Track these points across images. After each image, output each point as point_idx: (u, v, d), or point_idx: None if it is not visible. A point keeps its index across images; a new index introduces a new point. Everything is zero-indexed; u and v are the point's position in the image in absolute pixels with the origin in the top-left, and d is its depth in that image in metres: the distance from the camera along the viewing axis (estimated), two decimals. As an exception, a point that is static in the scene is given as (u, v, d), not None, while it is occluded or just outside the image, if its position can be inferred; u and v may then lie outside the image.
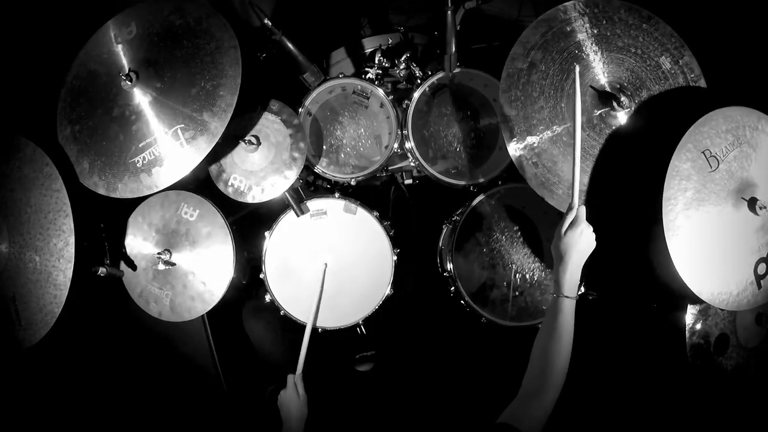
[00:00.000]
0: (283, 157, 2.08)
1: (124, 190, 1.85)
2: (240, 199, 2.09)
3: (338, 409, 2.28)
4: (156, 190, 1.84)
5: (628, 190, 1.81)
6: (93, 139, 1.89)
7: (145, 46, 1.90)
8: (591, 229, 1.56)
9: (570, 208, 1.60)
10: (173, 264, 2.04)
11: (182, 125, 1.81)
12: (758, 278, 1.67)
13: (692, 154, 1.61)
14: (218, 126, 1.78)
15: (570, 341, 1.47)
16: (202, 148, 1.79)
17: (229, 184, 2.09)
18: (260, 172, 2.09)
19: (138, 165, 1.84)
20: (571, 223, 1.56)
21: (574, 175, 1.61)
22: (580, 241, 1.53)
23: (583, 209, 1.58)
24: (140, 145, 1.84)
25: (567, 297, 1.50)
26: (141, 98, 1.84)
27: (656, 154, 1.66)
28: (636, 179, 1.79)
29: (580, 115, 1.62)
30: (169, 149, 1.82)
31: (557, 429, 1.47)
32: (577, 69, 1.67)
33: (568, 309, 1.49)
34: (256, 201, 2.08)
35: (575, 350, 1.48)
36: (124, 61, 1.90)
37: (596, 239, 1.58)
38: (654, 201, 1.61)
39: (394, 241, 2.22)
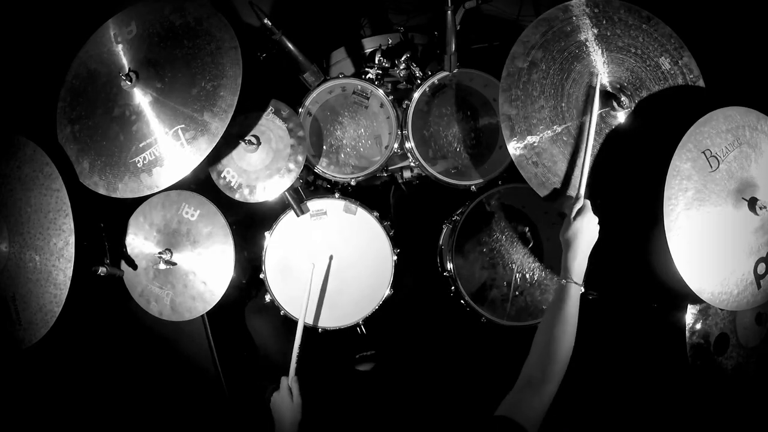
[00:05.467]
0: (278, 166, 2.08)
1: (124, 190, 1.85)
2: (228, 194, 2.08)
3: (338, 409, 2.28)
4: (156, 191, 1.84)
5: (628, 190, 1.81)
6: (93, 139, 1.89)
7: (145, 45, 1.89)
8: (596, 219, 1.61)
9: (578, 197, 1.65)
10: (174, 263, 2.04)
11: (183, 125, 1.81)
12: (758, 278, 1.67)
13: (692, 153, 1.61)
14: (219, 126, 1.78)
15: (574, 330, 1.48)
16: (203, 148, 1.79)
17: (222, 176, 2.09)
18: (253, 173, 2.09)
19: (138, 165, 1.84)
20: (579, 211, 1.61)
21: (584, 166, 1.68)
22: (588, 229, 1.58)
23: (588, 202, 1.63)
24: (141, 145, 1.84)
25: (576, 283, 1.52)
26: (141, 98, 1.84)
27: (656, 154, 1.66)
28: (636, 179, 1.79)
29: (598, 109, 1.69)
30: (170, 149, 1.82)
31: (557, 428, 1.47)
32: (598, 83, 1.76)
33: (574, 295, 1.52)
34: (241, 200, 2.08)
35: (575, 350, 1.48)
36: (124, 61, 1.90)
37: (597, 238, 1.59)
38: (654, 201, 1.61)
39: (394, 241, 2.22)
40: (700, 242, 1.60)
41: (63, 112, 1.94)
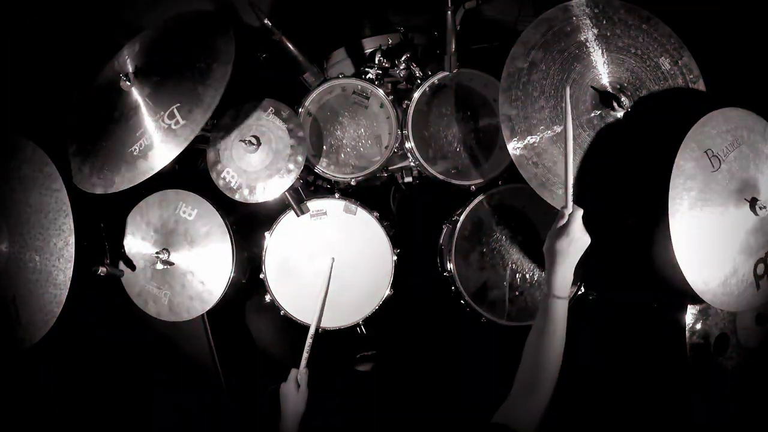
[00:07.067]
0: (278, 166, 2.07)
1: (121, 182, 1.83)
2: (228, 195, 2.08)
3: (338, 408, 2.28)
4: (152, 173, 1.81)
5: (628, 190, 1.81)
6: (92, 139, 1.89)
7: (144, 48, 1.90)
8: (584, 230, 1.56)
9: (563, 210, 1.60)
10: (171, 263, 2.04)
11: (178, 104, 1.79)
12: (757, 279, 1.67)
13: (695, 153, 1.61)
14: (213, 97, 1.76)
15: (562, 343, 1.46)
16: (198, 120, 1.77)
17: (222, 176, 2.09)
18: (253, 173, 2.09)
19: (135, 153, 1.82)
20: (564, 226, 1.56)
21: (567, 178, 1.60)
22: (572, 245, 1.53)
23: (580, 212, 1.57)
24: (136, 134, 1.83)
25: (559, 298, 1.49)
26: (139, 93, 1.84)
27: (655, 154, 1.66)
28: (635, 179, 1.79)
29: (570, 118, 1.63)
30: (163, 132, 1.80)
31: (556, 429, 1.47)
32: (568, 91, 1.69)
33: (560, 310, 1.48)
34: (241, 200, 2.07)
35: (575, 349, 1.48)
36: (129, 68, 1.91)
37: (596, 239, 1.58)
38: (654, 201, 1.60)
39: (394, 241, 2.21)
40: (701, 242, 1.60)
41: (63, 112, 1.95)
